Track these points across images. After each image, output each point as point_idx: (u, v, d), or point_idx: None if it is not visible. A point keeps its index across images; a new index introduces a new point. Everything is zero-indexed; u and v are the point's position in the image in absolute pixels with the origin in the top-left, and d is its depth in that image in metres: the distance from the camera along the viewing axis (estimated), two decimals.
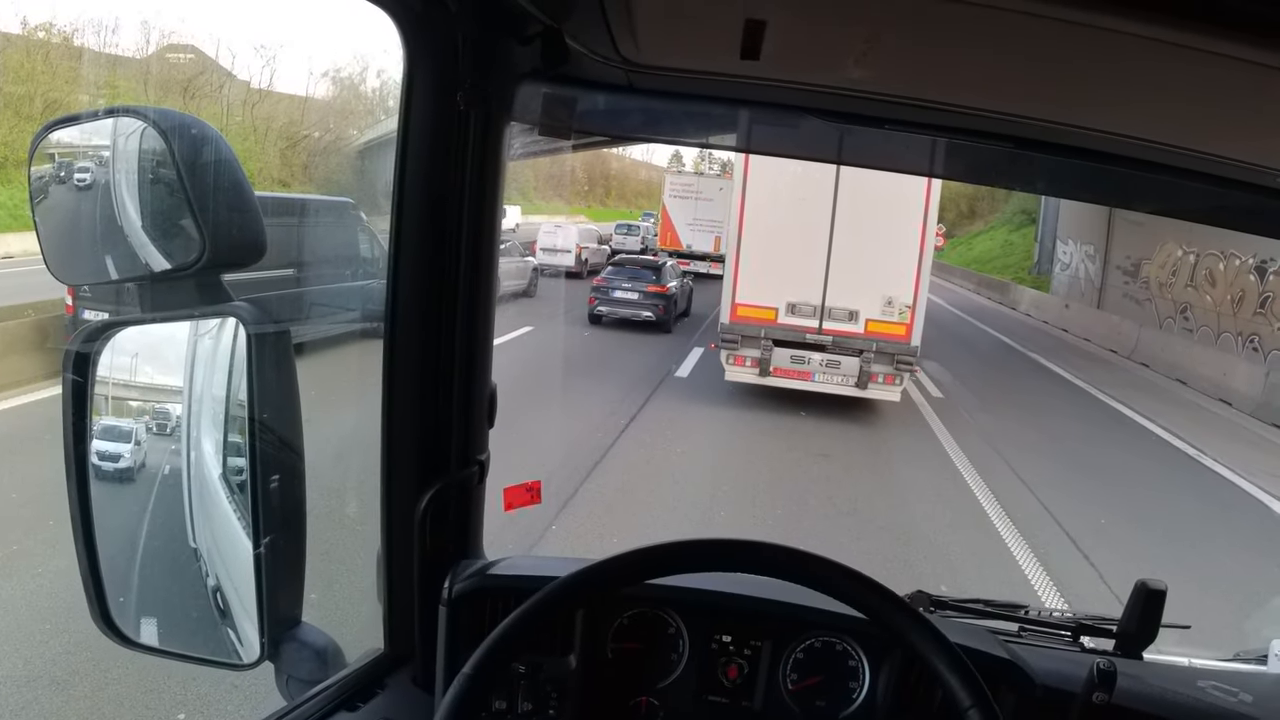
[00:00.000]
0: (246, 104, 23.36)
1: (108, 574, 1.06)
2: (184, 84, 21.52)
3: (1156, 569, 1.53)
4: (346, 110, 27.66)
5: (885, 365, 8.96)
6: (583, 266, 20.18)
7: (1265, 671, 1.35)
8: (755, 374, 9.18)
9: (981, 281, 30.04)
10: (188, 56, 22.74)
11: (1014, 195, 31.78)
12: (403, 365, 1.06)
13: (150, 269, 1.03)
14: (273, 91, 26.47)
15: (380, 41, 15.43)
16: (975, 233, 41.15)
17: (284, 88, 29.94)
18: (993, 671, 1.05)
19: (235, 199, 0.99)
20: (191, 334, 1.12)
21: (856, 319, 8.95)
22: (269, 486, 1.02)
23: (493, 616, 1.08)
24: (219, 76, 23.97)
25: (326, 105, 26.57)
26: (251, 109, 23.88)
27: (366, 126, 27.74)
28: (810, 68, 0.99)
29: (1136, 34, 0.67)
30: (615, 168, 66.09)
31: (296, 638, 1.08)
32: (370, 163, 24.47)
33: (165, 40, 22.78)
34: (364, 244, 9.00)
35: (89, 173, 1.08)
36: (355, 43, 43.96)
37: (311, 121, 24.89)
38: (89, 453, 1.04)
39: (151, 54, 21.37)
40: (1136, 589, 1.23)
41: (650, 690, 1.11)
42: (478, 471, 1.15)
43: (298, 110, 24.76)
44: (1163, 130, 0.98)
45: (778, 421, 9.01)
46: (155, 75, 20.84)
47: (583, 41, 0.99)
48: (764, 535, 0.97)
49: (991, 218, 40.77)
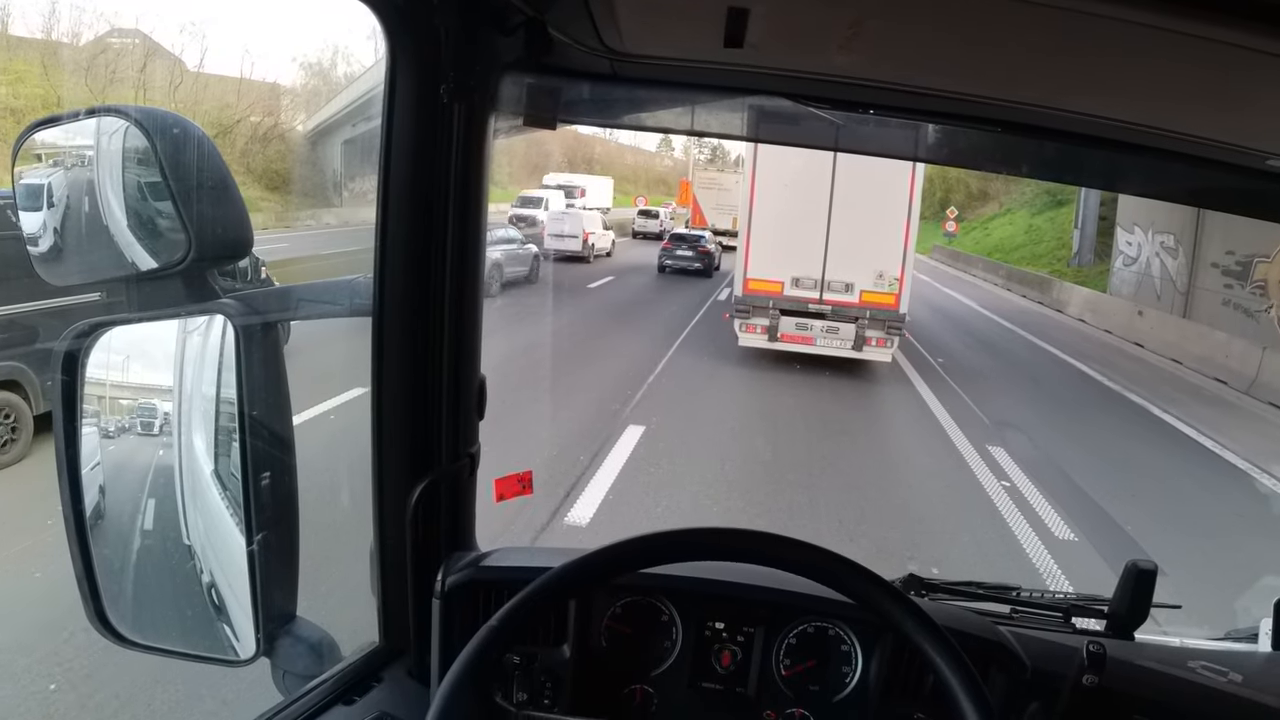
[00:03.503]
0: (173, 86, 21.85)
1: (102, 574, 1.06)
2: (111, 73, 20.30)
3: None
4: (293, 95, 26.03)
5: (878, 330, 10.28)
6: (589, 251, 22.04)
7: (1255, 650, 1.36)
8: (765, 340, 10.48)
9: (1011, 275, 25.30)
10: (134, 42, 21.59)
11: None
12: (391, 359, 1.06)
13: (137, 268, 1.03)
14: (210, 74, 24.77)
15: (331, 26, 14.71)
16: (990, 216, 37.72)
17: (227, 71, 27.75)
18: (983, 654, 1.05)
19: (219, 195, 0.99)
20: (180, 331, 1.12)
21: (852, 290, 10.23)
22: (260, 482, 1.02)
23: (486, 608, 1.08)
24: (167, 63, 22.57)
25: (272, 90, 24.87)
26: (174, 90, 22.44)
27: (311, 113, 26.54)
28: (794, 54, 0.99)
29: (1120, 18, 0.67)
30: (599, 152, 64.21)
31: (292, 632, 1.08)
32: (319, 151, 23.83)
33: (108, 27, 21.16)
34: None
35: (72, 172, 1.08)
36: (304, 30, 42.36)
37: (245, 107, 23.35)
38: (80, 453, 1.04)
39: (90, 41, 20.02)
40: (1127, 569, 1.24)
41: (644, 678, 1.12)
42: (469, 463, 1.15)
43: (233, 94, 23.16)
44: (1147, 113, 0.98)
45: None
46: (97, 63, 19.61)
47: (566, 31, 0.99)
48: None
49: (1005, 199, 37.43)
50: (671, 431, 7.47)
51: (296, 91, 25.36)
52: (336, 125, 19.65)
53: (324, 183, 21.90)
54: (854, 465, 7.16)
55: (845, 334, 10.27)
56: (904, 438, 8.31)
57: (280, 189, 22.25)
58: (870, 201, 9.75)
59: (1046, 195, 31.33)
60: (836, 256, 10.14)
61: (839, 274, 10.17)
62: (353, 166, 19.49)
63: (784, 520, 5.64)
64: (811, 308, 10.28)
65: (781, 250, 10.24)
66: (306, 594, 1.11)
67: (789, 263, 10.24)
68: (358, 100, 18.68)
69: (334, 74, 20.67)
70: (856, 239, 9.96)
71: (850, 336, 10.26)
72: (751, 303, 10.40)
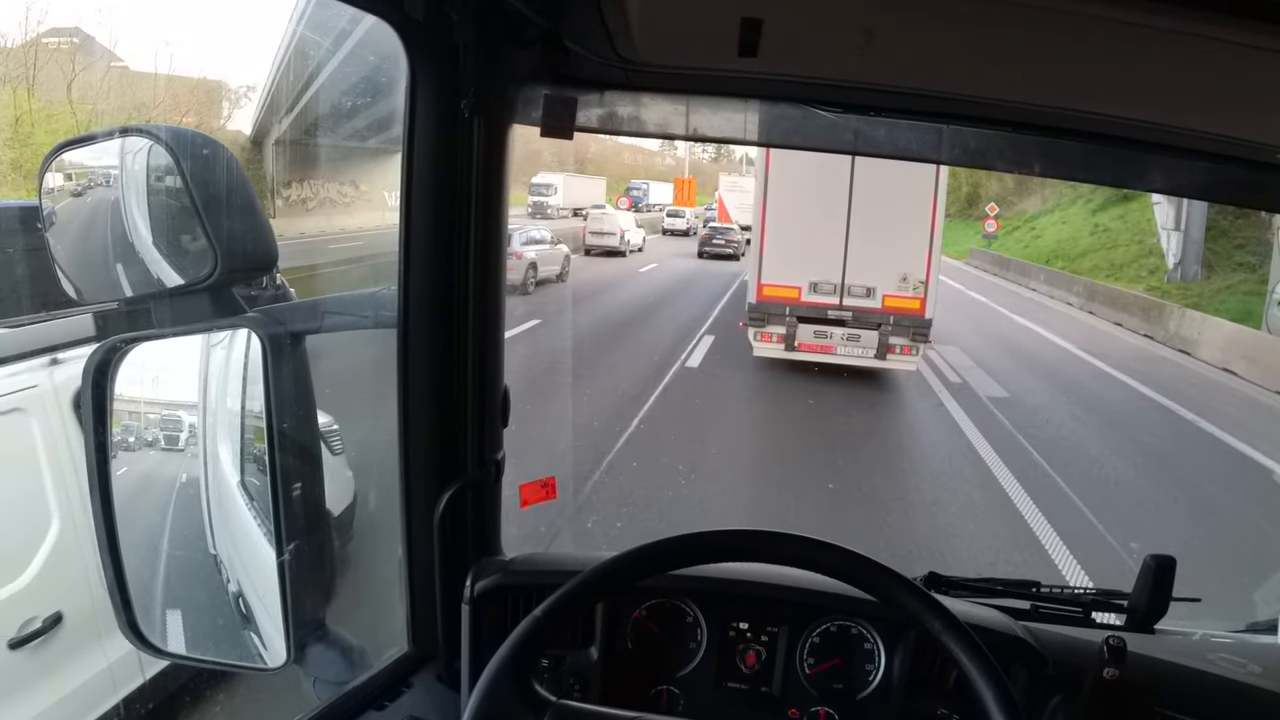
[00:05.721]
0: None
1: (133, 584, 1.08)
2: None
3: None
4: (227, 95, 24.19)
5: (903, 337, 9.49)
6: (625, 245, 25.59)
7: (1275, 642, 1.36)
8: (781, 349, 9.80)
9: (1092, 293, 18.81)
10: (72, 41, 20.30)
11: None
12: (416, 369, 1.07)
13: (164, 284, 1.05)
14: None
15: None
16: (1035, 213, 31.03)
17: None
18: (1005, 650, 1.06)
19: (245, 212, 1.01)
20: (204, 345, 1.14)
21: (874, 295, 9.49)
22: (292, 493, 1.04)
23: (515, 613, 1.10)
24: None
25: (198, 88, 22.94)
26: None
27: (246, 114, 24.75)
28: (808, 62, 1.00)
29: (1127, 20, 0.69)
30: (594, 150, 62.56)
31: (322, 640, 1.10)
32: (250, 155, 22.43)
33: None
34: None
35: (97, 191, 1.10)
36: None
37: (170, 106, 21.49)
38: (111, 465, 1.06)
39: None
40: (1146, 563, 1.24)
41: (670, 679, 1.13)
42: (494, 471, 1.16)
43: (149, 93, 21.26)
44: (1157, 111, 0.99)
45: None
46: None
47: (581, 43, 1.00)
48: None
49: (1050, 192, 30.73)
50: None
51: (231, 91, 23.51)
52: (267, 127, 18.20)
53: (260, 190, 20.95)
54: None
55: (868, 341, 9.57)
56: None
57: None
58: (892, 199, 9.16)
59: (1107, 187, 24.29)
60: (857, 259, 9.50)
61: (860, 278, 9.53)
62: (287, 172, 18.19)
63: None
64: (830, 314, 9.62)
65: (798, 254, 9.61)
66: (335, 601, 1.12)
67: (806, 267, 9.62)
68: (299, 99, 17.29)
69: (274, 72, 19.10)
70: (878, 239, 9.34)
71: (873, 344, 9.55)
72: (766, 310, 9.78)
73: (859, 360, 9.65)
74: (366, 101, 11.51)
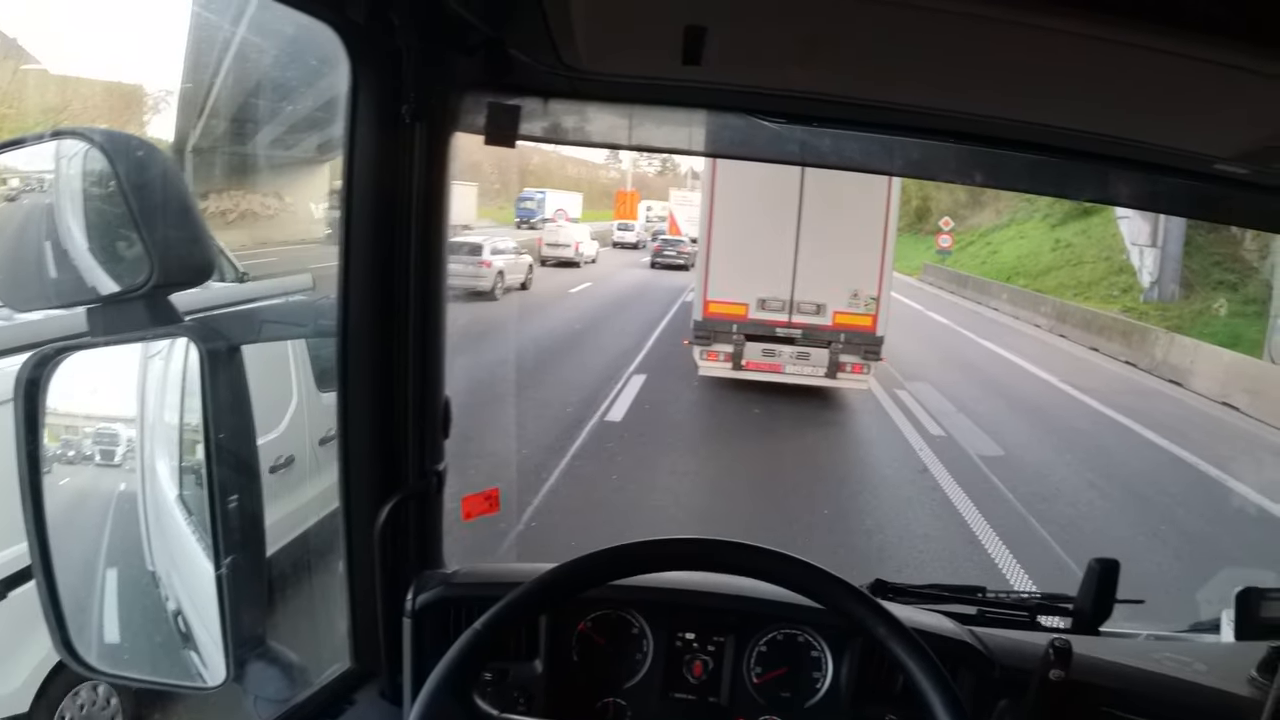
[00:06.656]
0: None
1: (67, 602, 1.04)
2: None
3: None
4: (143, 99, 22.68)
5: (854, 355, 9.27)
6: (580, 257, 26.03)
7: (1218, 641, 1.39)
8: (728, 367, 9.47)
9: (1063, 314, 17.66)
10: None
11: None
12: (356, 378, 1.05)
13: (98, 292, 1.02)
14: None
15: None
16: (990, 228, 29.91)
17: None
18: (951, 654, 1.07)
19: (182, 219, 0.98)
20: (142, 355, 1.11)
21: (824, 311, 9.26)
22: (228, 505, 1.01)
23: (457, 626, 1.08)
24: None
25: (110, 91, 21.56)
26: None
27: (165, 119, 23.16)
28: (753, 71, 1.01)
29: (1070, 31, 0.70)
30: (537, 161, 60.89)
31: (262, 657, 1.07)
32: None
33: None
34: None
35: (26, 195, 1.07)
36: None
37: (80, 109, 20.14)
38: (43, 480, 1.03)
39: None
40: (1090, 567, 1.26)
41: (617, 691, 1.12)
42: (435, 482, 1.15)
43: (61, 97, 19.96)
44: (1098, 121, 1.01)
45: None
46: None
47: (525, 51, 1.00)
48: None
49: (1004, 206, 29.60)
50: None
51: (148, 95, 21.98)
52: (186, 132, 17.44)
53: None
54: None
55: (818, 360, 9.30)
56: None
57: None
58: (843, 214, 8.96)
59: (1067, 200, 20.72)
60: (806, 274, 9.23)
61: (809, 294, 9.26)
62: (206, 181, 17.30)
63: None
64: (779, 331, 9.33)
65: (745, 269, 9.31)
66: (275, 617, 1.09)
67: (754, 283, 9.31)
68: (224, 104, 16.56)
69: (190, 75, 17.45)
70: (828, 254, 9.09)
71: (823, 363, 9.28)
72: (712, 327, 9.41)
73: (808, 379, 9.38)
74: (298, 108, 11.11)
